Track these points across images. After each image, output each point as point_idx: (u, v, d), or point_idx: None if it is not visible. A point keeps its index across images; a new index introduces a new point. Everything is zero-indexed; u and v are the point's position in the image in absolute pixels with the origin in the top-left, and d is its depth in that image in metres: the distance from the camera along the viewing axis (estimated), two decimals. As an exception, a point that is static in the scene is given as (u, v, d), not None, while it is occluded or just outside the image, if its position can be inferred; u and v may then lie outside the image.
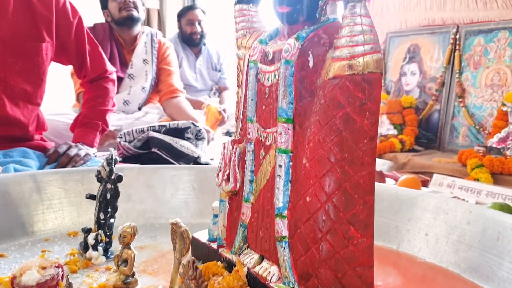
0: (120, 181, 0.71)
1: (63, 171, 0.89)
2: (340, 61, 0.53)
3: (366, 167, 0.54)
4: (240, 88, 0.69)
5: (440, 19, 2.28)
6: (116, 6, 2.19)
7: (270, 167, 0.60)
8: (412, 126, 2.21)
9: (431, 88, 2.26)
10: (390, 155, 2.05)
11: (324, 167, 0.54)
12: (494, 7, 2.09)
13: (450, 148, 2.15)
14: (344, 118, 0.53)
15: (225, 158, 0.67)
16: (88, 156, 1.33)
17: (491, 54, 2.05)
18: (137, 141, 1.51)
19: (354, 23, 0.52)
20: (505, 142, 1.78)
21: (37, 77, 1.30)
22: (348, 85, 0.53)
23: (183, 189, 0.95)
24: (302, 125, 0.58)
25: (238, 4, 0.68)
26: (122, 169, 0.91)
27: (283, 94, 0.58)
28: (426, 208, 0.83)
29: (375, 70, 0.52)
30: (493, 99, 2.03)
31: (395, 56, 2.43)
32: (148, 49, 2.29)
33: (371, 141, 0.54)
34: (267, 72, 0.61)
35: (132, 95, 2.23)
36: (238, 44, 0.69)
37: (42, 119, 1.40)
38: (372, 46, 0.52)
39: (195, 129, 1.58)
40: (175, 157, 1.44)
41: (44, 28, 1.29)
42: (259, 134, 0.63)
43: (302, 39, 0.56)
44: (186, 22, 3.21)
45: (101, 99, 1.48)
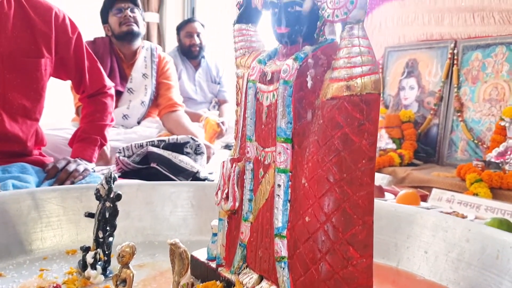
0: (119, 199, 0.71)
1: (61, 188, 0.89)
2: (338, 82, 0.53)
3: (365, 187, 0.54)
4: (239, 106, 0.70)
5: (438, 34, 2.29)
6: (117, 21, 2.21)
7: (269, 186, 0.60)
8: (411, 140, 2.21)
9: (429, 103, 2.27)
10: (389, 169, 2.05)
11: (323, 187, 0.54)
12: (491, 23, 2.11)
13: (449, 162, 2.15)
14: (342, 138, 0.53)
15: (224, 176, 0.67)
16: (87, 172, 1.33)
17: (488, 69, 2.07)
18: (136, 156, 1.51)
19: (352, 45, 0.52)
20: (503, 157, 1.78)
21: (36, 93, 1.30)
22: (346, 106, 0.53)
23: (182, 206, 0.95)
24: (301, 145, 0.58)
25: (237, 24, 0.68)
26: (121, 186, 0.91)
27: (282, 114, 0.58)
28: (425, 226, 0.83)
29: (373, 91, 0.53)
30: (491, 113, 2.04)
31: (394, 71, 2.44)
32: (148, 63, 2.30)
33: (369, 161, 0.54)
34: (266, 92, 0.61)
35: (131, 109, 2.24)
36: (237, 63, 0.70)
37: (41, 135, 1.40)
38: (370, 67, 0.53)
39: (194, 143, 1.58)
40: (174, 172, 1.44)
41: (43, 44, 1.29)
42: (258, 153, 0.63)
43: (300, 60, 0.57)
44: (185, 34, 3.23)
45: (99, 114, 1.48)
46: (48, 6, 1.32)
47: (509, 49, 2.01)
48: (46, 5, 1.32)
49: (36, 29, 1.28)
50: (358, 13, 0.51)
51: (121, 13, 2.21)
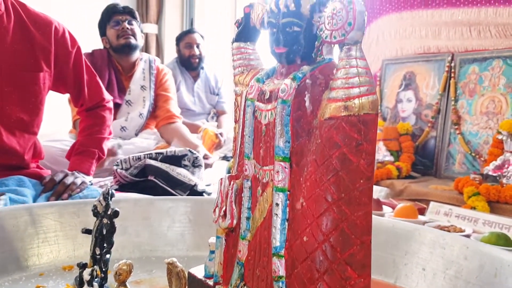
0: (116, 216, 0.71)
1: (59, 204, 0.88)
2: (336, 102, 0.53)
3: (363, 207, 0.54)
4: (237, 124, 0.70)
5: (435, 47, 2.31)
6: (114, 33, 2.22)
7: (267, 205, 0.60)
8: (409, 153, 2.22)
9: (427, 115, 2.28)
10: (387, 182, 2.05)
11: (321, 207, 0.54)
12: (488, 36, 2.12)
13: (446, 175, 2.16)
14: (340, 158, 0.53)
15: (222, 194, 0.67)
16: (84, 185, 1.32)
17: (485, 82, 2.08)
18: (134, 169, 1.51)
19: (349, 65, 0.53)
20: (501, 170, 1.78)
21: (34, 106, 1.30)
22: (344, 126, 0.53)
23: (180, 221, 0.94)
24: (299, 163, 0.58)
25: (236, 42, 0.69)
26: (118, 201, 0.90)
27: (280, 133, 0.58)
28: (423, 242, 0.83)
29: (370, 112, 0.53)
30: (489, 126, 2.04)
31: (391, 83, 2.45)
32: (146, 75, 2.31)
33: (367, 181, 0.54)
34: (264, 110, 0.61)
35: (129, 121, 2.24)
36: (235, 80, 0.70)
37: (39, 148, 1.40)
38: (368, 88, 0.53)
39: (192, 156, 1.58)
40: (172, 185, 1.44)
41: (43, 58, 1.30)
42: (256, 171, 0.63)
43: (298, 79, 0.57)
44: (184, 45, 3.25)
45: (97, 127, 1.48)
46: (48, 20, 1.32)
47: (505, 63, 2.02)
48: (46, 19, 1.32)
49: (35, 43, 1.28)
50: (355, 34, 0.52)
51: (119, 25, 2.22)
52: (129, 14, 2.27)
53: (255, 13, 0.64)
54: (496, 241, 1.28)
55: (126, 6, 2.32)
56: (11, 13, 1.25)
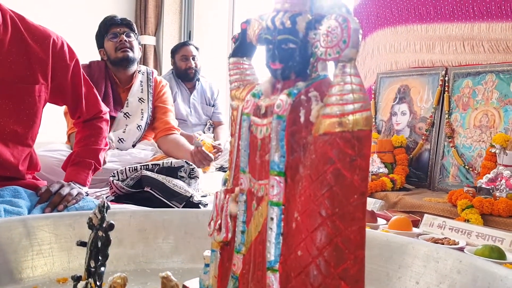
0: (111, 229, 0.71)
1: (54, 216, 0.88)
2: (331, 118, 0.54)
3: (356, 222, 0.55)
4: (233, 137, 0.71)
5: (429, 61, 2.33)
6: (112, 46, 2.23)
7: (262, 219, 0.61)
8: (403, 165, 2.23)
9: (421, 128, 2.29)
10: (381, 194, 2.06)
11: (315, 221, 0.55)
12: (481, 51, 2.15)
13: (440, 187, 2.17)
14: (334, 173, 0.54)
15: (217, 207, 0.68)
16: (81, 196, 1.32)
17: (479, 96, 2.10)
18: (130, 180, 1.51)
19: (344, 82, 0.54)
20: (494, 183, 1.79)
21: (29, 119, 1.30)
22: (338, 142, 0.54)
23: (175, 234, 0.95)
24: (294, 178, 0.59)
25: (232, 57, 0.70)
26: (114, 213, 0.91)
27: (275, 147, 0.59)
28: (416, 256, 0.84)
29: (364, 128, 0.54)
30: (482, 139, 2.06)
31: (386, 96, 2.47)
32: (144, 88, 2.32)
33: (361, 196, 0.55)
34: (260, 125, 0.62)
35: (127, 133, 2.24)
36: (232, 95, 0.71)
37: (35, 159, 1.40)
38: (362, 104, 0.54)
39: (189, 167, 1.59)
40: (168, 196, 1.44)
41: (39, 71, 1.30)
42: (251, 185, 0.64)
43: (293, 95, 0.58)
44: (180, 57, 3.27)
45: (94, 138, 1.49)
46: (46, 33, 1.33)
47: (498, 77, 2.05)
48: (44, 32, 1.33)
49: (32, 55, 1.28)
50: (350, 52, 0.53)
51: (117, 38, 2.23)
52: (126, 26, 2.28)
53: (252, 29, 0.65)
54: (490, 254, 1.29)
55: (124, 18, 2.33)
56: (8, 25, 1.26)
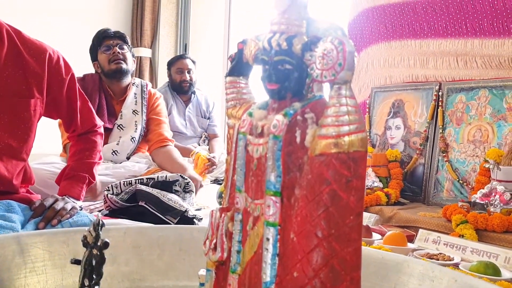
0: (106, 247, 0.71)
1: (48, 232, 0.88)
2: (326, 139, 0.55)
3: (352, 243, 0.55)
4: (229, 155, 0.71)
5: (423, 76, 2.36)
6: (106, 58, 2.23)
7: (257, 239, 0.61)
8: (398, 179, 2.24)
9: (415, 142, 2.31)
10: (376, 208, 2.06)
11: (311, 242, 0.55)
12: (474, 67, 2.18)
13: (435, 201, 2.17)
14: (330, 194, 0.54)
15: (213, 226, 0.68)
16: (75, 210, 1.31)
17: (472, 111, 2.12)
18: (125, 194, 1.50)
19: (339, 104, 0.54)
20: (488, 198, 1.80)
21: (24, 133, 1.30)
22: (334, 163, 0.54)
23: (170, 250, 0.94)
24: (290, 198, 0.59)
25: (229, 76, 0.70)
26: (108, 230, 0.90)
27: (272, 167, 0.59)
28: (412, 274, 0.84)
29: (360, 149, 0.54)
30: (476, 154, 2.07)
31: (380, 110, 2.49)
32: (138, 100, 2.32)
33: (357, 217, 0.55)
34: (256, 144, 0.62)
35: (121, 145, 2.24)
36: (228, 113, 0.71)
37: (30, 173, 1.39)
38: (357, 125, 0.54)
39: (183, 181, 1.58)
40: (162, 211, 1.43)
41: (35, 85, 1.30)
42: (247, 204, 0.64)
43: (289, 115, 0.58)
44: (176, 70, 3.28)
45: (88, 152, 1.48)
46: (42, 47, 1.33)
47: (491, 93, 2.07)
48: (40, 46, 1.33)
49: (28, 69, 1.28)
50: (345, 74, 0.53)
51: (110, 50, 2.24)
52: (120, 39, 2.29)
53: (248, 50, 0.65)
54: (485, 271, 1.29)
55: (117, 31, 2.35)
56: (4, 40, 1.26)
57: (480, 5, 2.16)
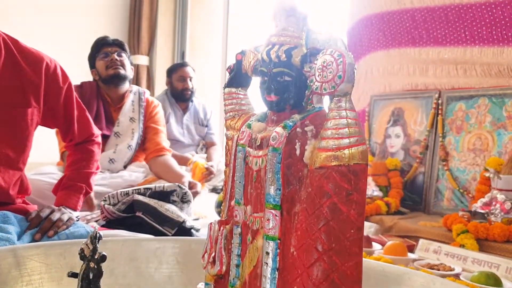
0: (103, 261, 0.70)
1: (45, 245, 0.87)
2: (327, 151, 0.54)
3: (353, 258, 0.54)
4: (228, 167, 0.70)
5: (423, 84, 2.35)
6: (103, 64, 2.23)
7: (257, 253, 0.60)
8: (398, 189, 2.23)
9: (415, 151, 2.30)
10: (376, 217, 2.04)
11: (311, 257, 0.54)
12: (474, 75, 2.17)
13: (435, 210, 2.16)
14: (331, 207, 0.53)
15: (211, 239, 0.67)
16: (71, 221, 1.30)
17: (472, 120, 2.11)
18: (122, 204, 1.49)
19: (339, 116, 0.54)
20: (488, 207, 1.79)
21: (20, 143, 1.28)
22: (334, 176, 0.54)
23: (167, 263, 0.93)
24: (289, 211, 0.58)
25: (227, 87, 0.69)
26: (105, 242, 0.89)
27: (271, 180, 0.58)
28: (412, 286, 0.83)
29: (360, 162, 0.54)
30: (476, 163, 2.07)
31: (380, 119, 2.48)
32: (136, 107, 2.31)
33: (358, 231, 0.54)
34: (255, 156, 0.62)
35: (117, 153, 2.22)
36: (227, 125, 0.70)
37: (26, 183, 1.38)
38: (357, 138, 0.54)
39: (181, 191, 1.57)
40: (160, 221, 1.42)
41: (32, 94, 1.29)
42: (246, 217, 0.63)
43: (289, 127, 0.58)
44: (177, 78, 3.27)
45: (85, 162, 1.47)
46: (40, 56, 1.32)
47: (491, 101, 2.07)
48: (38, 55, 1.32)
49: (25, 79, 1.27)
50: (345, 86, 0.53)
51: (108, 57, 2.23)
52: (118, 46, 2.28)
53: (247, 60, 0.65)
54: (486, 281, 1.28)
55: (115, 38, 2.34)
56: (1, 49, 1.25)
57: (479, 13, 2.17)
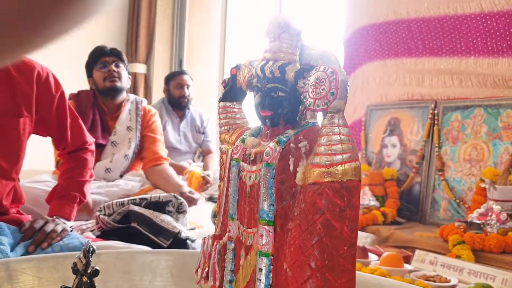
0: (96, 275, 0.70)
1: (37, 258, 0.86)
2: (320, 168, 0.54)
3: (346, 274, 0.54)
4: (222, 181, 0.70)
5: (419, 95, 2.36)
6: (101, 76, 2.23)
7: (250, 269, 0.60)
8: (394, 198, 2.22)
9: (411, 161, 2.30)
10: (373, 228, 2.04)
11: (304, 273, 0.54)
12: (469, 85, 2.18)
13: (431, 221, 2.16)
14: (324, 224, 0.53)
15: (205, 254, 0.66)
16: (65, 232, 1.29)
17: (468, 130, 2.12)
18: (117, 215, 1.48)
19: (332, 133, 0.54)
20: (484, 218, 1.79)
21: (13, 153, 1.27)
22: (327, 192, 0.53)
23: (161, 275, 0.92)
24: (283, 227, 0.58)
25: (222, 101, 0.69)
26: (99, 254, 0.88)
27: (265, 195, 0.58)
28: (408, 301, 0.82)
29: (353, 178, 0.54)
30: (472, 173, 2.07)
31: (376, 128, 2.48)
32: (133, 116, 2.31)
33: (351, 247, 0.54)
34: (249, 171, 0.61)
35: (114, 162, 2.22)
36: (221, 139, 0.70)
37: (20, 192, 1.37)
38: (350, 154, 0.54)
39: (177, 202, 1.57)
40: (155, 232, 1.41)
41: (24, 103, 1.28)
42: (240, 232, 0.63)
43: (283, 143, 0.58)
44: (175, 85, 3.29)
45: (79, 170, 1.46)
46: (31, 65, 1.32)
47: (486, 111, 2.07)
48: (29, 64, 1.32)
49: (16, 88, 1.27)
50: (338, 103, 0.53)
51: (106, 67, 2.23)
52: (116, 56, 2.28)
53: (242, 75, 0.65)
54: (482, 293, 1.28)
55: (113, 48, 2.34)
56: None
57: (474, 24, 2.18)
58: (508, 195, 1.82)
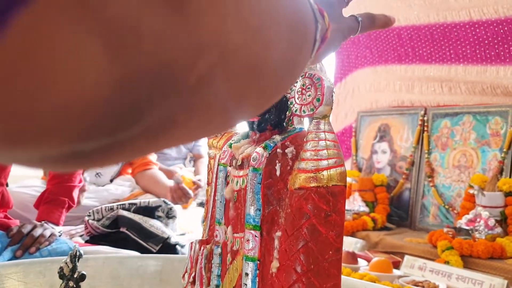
0: (83, 280, 0.69)
1: (24, 263, 0.85)
2: (306, 173, 0.54)
3: (332, 279, 0.54)
4: (209, 186, 0.70)
5: (409, 101, 2.38)
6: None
7: (237, 274, 0.60)
8: (384, 204, 2.23)
9: (401, 167, 2.32)
10: (363, 233, 2.05)
11: (290, 278, 0.54)
12: (458, 92, 2.21)
13: (421, 226, 2.17)
14: (310, 229, 0.54)
15: (192, 259, 0.66)
16: (54, 237, 1.28)
17: (457, 137, 2.14)
18: (106, 220, 1.47)
19: (318, 138, 0.54)
20: (473, 224, 1.80)
21: None
22: (313, 197, 0.54)
23: (150, 280, 0.92)
24: (269, 232, 0.58)
25: (210, 106, 0.70)
26: (86, 259, 0.88)
27: (251, 200, 0.58)
28: (395, 306, 0.83)
29: (339, 183, 0.54)
30: (461, 179, 2.08)
31: (366, 134, 2.50)
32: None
33: (336, 252, 0.54)
34: (236, 176, 0.62)
35: (105, 167, 2.21)
36: (209, 143, 0.71)
37: (7, 197, 1.36)
38: (336, 160, 0.54)
39: (166, 207, 1.56)
40: (144, 237, 1.41)
41: None
42: (226, 237, 0.63)
43: (269, 148, 0.58)
44: None
45: (67, 175, 1.45)
46: None
47: (475, 118, 2.09)
48: None
49: None
50: (324, 109, 0.53)
51: None
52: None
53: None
54: (470, 299, 1.29)
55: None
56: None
57: (463, 32, 2.21)
58: (496, 201, 1.84)
